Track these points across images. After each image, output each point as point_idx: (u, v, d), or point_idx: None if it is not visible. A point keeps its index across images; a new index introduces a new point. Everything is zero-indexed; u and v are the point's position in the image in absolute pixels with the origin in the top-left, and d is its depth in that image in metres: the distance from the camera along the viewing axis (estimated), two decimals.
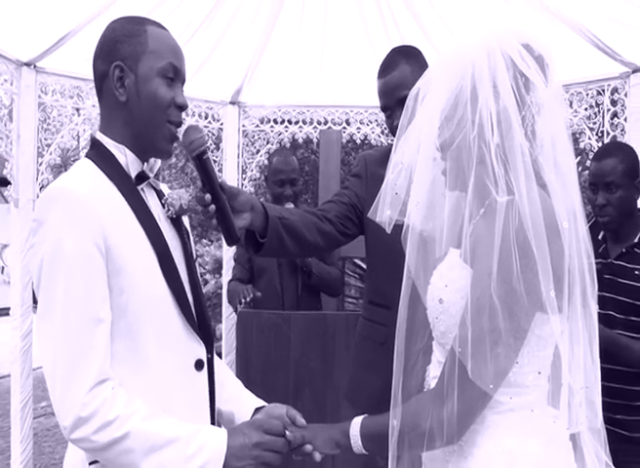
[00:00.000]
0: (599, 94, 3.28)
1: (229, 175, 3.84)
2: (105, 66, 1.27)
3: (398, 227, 1.34)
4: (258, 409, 1.40)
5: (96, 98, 3.25)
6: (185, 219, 1.41)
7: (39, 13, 2.69)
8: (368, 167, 2.03)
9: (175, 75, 1.28)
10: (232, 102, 3.86)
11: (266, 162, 4.02)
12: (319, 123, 3.97)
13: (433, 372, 1.27)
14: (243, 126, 3.92)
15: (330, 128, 3.95)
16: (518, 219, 1.09)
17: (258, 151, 3.94)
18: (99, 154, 1.28)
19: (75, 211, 1.15)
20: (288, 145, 4.02)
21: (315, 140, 4.01)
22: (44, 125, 3.02)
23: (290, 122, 3.96)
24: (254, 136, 3.94)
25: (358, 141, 4.13)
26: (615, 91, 3.22)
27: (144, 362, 1.20)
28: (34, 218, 1.18)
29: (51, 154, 3.02)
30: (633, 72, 3.07)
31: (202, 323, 1.32)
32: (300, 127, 3.97)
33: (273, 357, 2.35)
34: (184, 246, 1.35)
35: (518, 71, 1.17)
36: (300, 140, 4.06)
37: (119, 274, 1.17)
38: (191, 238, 1.43)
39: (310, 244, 1.81)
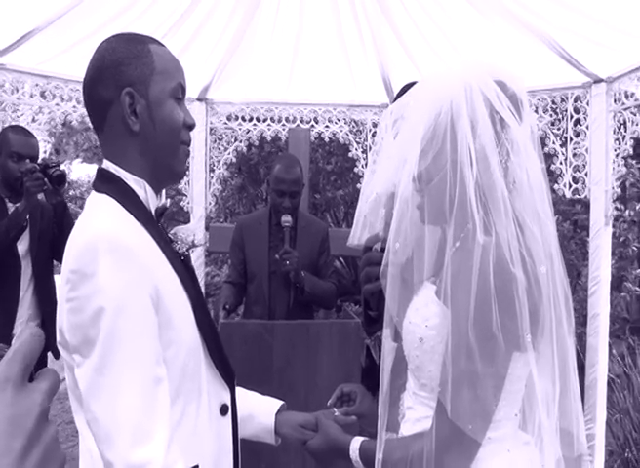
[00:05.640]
0: (563, 101, 3.36)
1: (197, 173, 3.80)
2: (111, 93, 1.16)
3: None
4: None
5: (58, 96, 3.22)
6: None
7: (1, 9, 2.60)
8: None
9: (183, 94, 1.23)
10: (199, 99, 3.80)
11: (234, 160, 3.99)
12: (287, 120, 3.94)
13: (407, 402, 1.29)
14: (210, 123, 3.87)
15: (298, 126, 3.93)
16: (497, 262, 1.10)
17: (226, 149, 3.89)
18: (119, 191, 1.17)
19: (129, 262, 1.07)
20: (256, 143, 3.97)
21: (283, 138, 3.98)
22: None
23: (258, 119, 3.92)
24: (221, 134, 3.90)
25: (326, 139, 4.13)
26: (577, 99, 3.32)
27: (172, 408, 1.11)
28: (74, 269, 1.07)
29: None
30: (595, 82, 3.17)
31: (225, 365, 1.27)
32: (269, 124, 3.94)
33: (257, 367, 2.32)
34: (196, 285, 1.26)
35: (494, 110, 1.19)
36: (269, 138, 4.03)
37: (168, 327, 1.11)
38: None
39: None
